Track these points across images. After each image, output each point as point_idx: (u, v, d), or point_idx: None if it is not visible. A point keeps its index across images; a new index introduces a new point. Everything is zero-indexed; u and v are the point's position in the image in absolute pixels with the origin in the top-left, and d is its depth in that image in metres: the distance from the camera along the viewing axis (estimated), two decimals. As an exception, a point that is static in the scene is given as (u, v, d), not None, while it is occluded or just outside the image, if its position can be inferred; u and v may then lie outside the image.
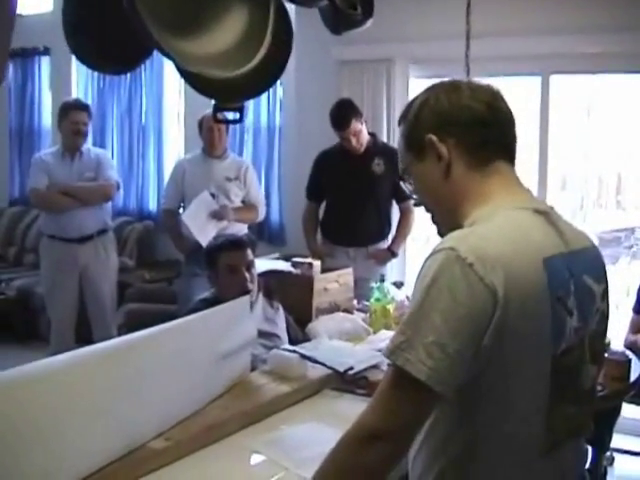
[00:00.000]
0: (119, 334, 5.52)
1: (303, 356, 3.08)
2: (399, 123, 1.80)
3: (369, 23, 2.53)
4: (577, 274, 1.62)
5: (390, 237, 5.50)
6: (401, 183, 1.86)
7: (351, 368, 3.06)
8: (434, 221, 1.81)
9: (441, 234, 1.77)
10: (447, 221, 1.73)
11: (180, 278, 5.98)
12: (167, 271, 7.10)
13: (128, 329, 5.51)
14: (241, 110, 2.51)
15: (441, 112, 1.69)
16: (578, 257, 1.64)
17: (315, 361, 3.08)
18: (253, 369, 3.11)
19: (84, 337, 5.53)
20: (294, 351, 3.14)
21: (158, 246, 7.48)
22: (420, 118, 1.71)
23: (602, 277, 1.72)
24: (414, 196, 1.83)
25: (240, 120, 2.58)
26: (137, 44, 2.29)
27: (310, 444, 2.42)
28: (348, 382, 3.03)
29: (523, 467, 1.59)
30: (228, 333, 2.85)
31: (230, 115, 2.62)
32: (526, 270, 1.50)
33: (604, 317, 1.72)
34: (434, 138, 1.67)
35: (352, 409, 2.76)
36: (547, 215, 1.64)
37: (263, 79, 2.41)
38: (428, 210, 1.81)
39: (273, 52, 2.20)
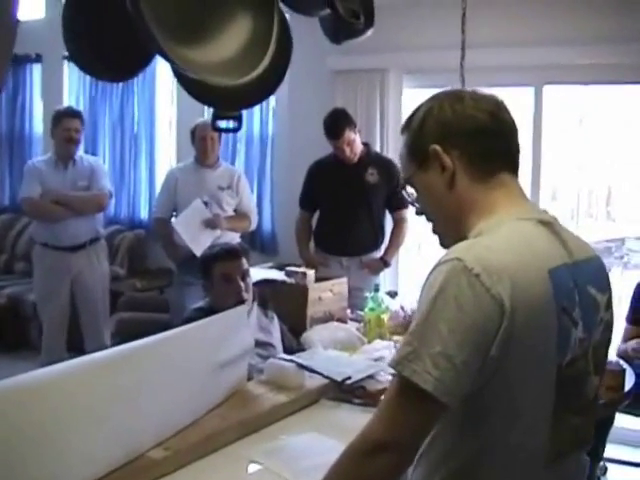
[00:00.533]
0: (111, 343, 5.51)
1: (300, 366, 3.08)
2: (402, 132, 1.78)
3: (369, 32, 2.53)
4: (581, 284, 1.61)
5: (383, 247, 5.49)
6: (403, 192, 1.84)
7: (349, 378, 3.05)
8: (435, 231, 1.80)
9: (443, 245, 1.76)
10: (450, 232, 1.72)
11: (172, 287, 5.97)
12: (158, 280, 7.07)
13: (120, 338, 5.50)
14: (239, 118, 2.51)
15: (445, 122, 1.68)
16: (582, 267, 1.64)
17: (312, 371, 3.08)
18: (249, 379, 3.09)
19: (76, 346, 5.52)
20: (291, 360, 3.13)
21: (149, 255, 7.45)
22: (424, 128, 1.70)
23: (606, 287, 1.72)
24: (416, 205, 1.82)
25: (238, 128, 2.57)
26: (136, 52, 2.30)
27: (309, 454, 2.41)
28: (345, 392, 3.03)
29: (527, 479, 1.59)
30: (225, 342, 2.84)
31: (223, 123, 2.61)
32: (532, 281, 1.49)
33: (608, 327, 1.71)
34: (438, 148, 1.66)
35: (350, 419, 2.80)
36: (551, 226, 1.64)
37: (263, 88, 2.41)
38: (429, 220, 1.80)
39: (275, 61, 2.20)
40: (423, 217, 1.82)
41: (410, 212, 5.31)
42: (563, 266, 1.58)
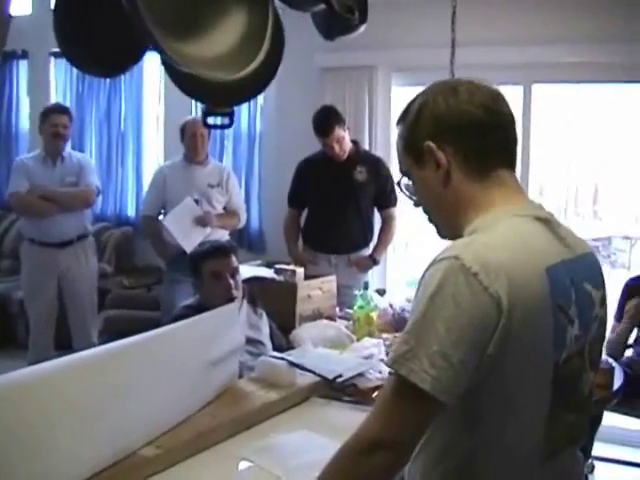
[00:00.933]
0: (99, 340, 5.49)
1: (292, 363, 3.07)
2: (397, 124, 1.75)
3: (362, 29, 2.52)
4: (577, 281, 1.61)
5: (372, 245, 5.49)
6: (400, 184, 1.81)
7: (340, 376, 3.05)
8: (433, 223, 1.78)
9: (441, 235, 1.76)
10: (447, 226, 1.72)
11: (162, 285, 5.94)
12: (146, 277, 7.04)
13: (108, 335, 5.48)
14: (231, 115, 2.49)
15: (439, 117, 1.64)
16: (578, 264, 1.63)
17: (304, 368, 3.07)
18: (239, 376, 3.09)
19: (63, 343, 5.50)
20: (282, 358, 3.13)
21: (137, 252, 7.42)
22: (418, 123, 1.67)
23: (600, 283, 1.71)
24: (413, 198, 1.80)
25: (229, 125, 2.55)
26: (127, 48, 2.29)
27: (301, 452, 2.41)
28: (336, 390, 3.02)
29: (523, 476, 1.58)
30: (216, 340, 2.84)
31: (214, 119, 2.59)
32: (529, 279, 1.49)
33: (602, 323, 1.71)
34: (432, 145, 1.63)
35: (341, 417, 2.80)
36: (548, 222, 1.62)
37: (255, 84, 2.40)
38: (426, 212, 1.78)
39: (269, 57, 2.19)
40: (418, 209, 1.80)
41: (398, 210, 5.34)
42: (560, 263, 1.57)
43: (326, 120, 5.14)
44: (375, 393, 2.99)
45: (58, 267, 5.47)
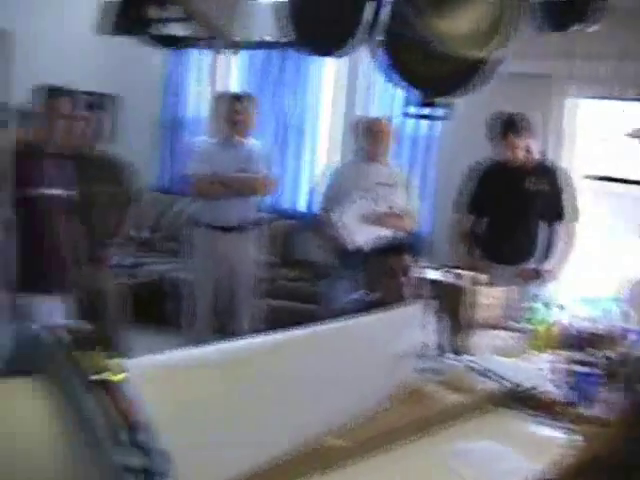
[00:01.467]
0: (260, 329, 5.53)
1: (475, 369, 3.00)
2: None
3: (592, 27, 2.42)
4: None
5: (535, 257, 5.35)
6: None
7: (522, 384, 2.96)
8: None
9: None
10: None
11: (327, 279, 5.91)
12: (306, 271, 7.10)
13: (267, 324, 5.51)
14: (449, 107, 2.44)
15: None
16: None
17: (486, 374, 2.99)
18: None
19: (220, 328, 5.64)
20: (463, 362, 3.07)
21: (299, 246, 7.48)
22: None
23: None
24: None
25: (446, 116, 2.51)
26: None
27: (494, 460, 2.35)
28: (518, 399, 2.93)
29: None
30: (399, 338, 2.83)
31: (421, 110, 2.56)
32: None
33: None
34: None
35: (525, 429, 2.72)
36: None
37: (474, 76, 2.35)
38: None
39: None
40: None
41: (579, 226, 5.19)
42: None
43: (513, 125, 5.11)
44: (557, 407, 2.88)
45: (227, 253, 5.57)
